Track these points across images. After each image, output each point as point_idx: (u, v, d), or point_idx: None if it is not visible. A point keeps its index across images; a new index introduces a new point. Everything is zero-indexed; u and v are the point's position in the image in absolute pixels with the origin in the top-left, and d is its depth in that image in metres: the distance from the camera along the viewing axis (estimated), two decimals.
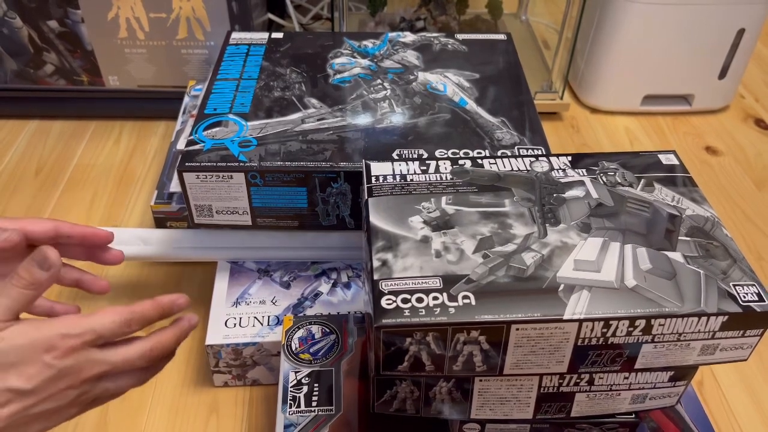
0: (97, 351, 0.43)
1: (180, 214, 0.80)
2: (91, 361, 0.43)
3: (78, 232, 0.54)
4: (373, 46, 0.84)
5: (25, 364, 0.41)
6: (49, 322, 0.42)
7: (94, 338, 0.43)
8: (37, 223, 0.52)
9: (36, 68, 1.03)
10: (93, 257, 0.58)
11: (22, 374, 0.41)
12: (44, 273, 0.43)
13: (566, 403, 0.52)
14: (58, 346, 0.41)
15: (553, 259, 0.48)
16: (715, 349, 0.48)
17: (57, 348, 0.41)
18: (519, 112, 0.73)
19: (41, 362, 0.41)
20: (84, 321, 0.43)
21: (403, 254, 0.49)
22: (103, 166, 1.01)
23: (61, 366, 0.42)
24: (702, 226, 0.52)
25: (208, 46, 1.00)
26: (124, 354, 0.45)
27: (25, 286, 0.43)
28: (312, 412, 0.57)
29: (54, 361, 0.41)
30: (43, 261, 0.43)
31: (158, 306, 0.47)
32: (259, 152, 0.65)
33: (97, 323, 0.43)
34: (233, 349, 0.66)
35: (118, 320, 0.44)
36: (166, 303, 0.47)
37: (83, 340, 0.42)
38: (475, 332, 0.45)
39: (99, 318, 0.43)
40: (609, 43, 1.08)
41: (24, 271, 0.43)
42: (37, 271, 0.43)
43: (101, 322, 0.43)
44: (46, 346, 0.41)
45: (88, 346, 0.43)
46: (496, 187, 0.55)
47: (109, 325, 0.43)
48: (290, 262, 0.74)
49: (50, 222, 0.53)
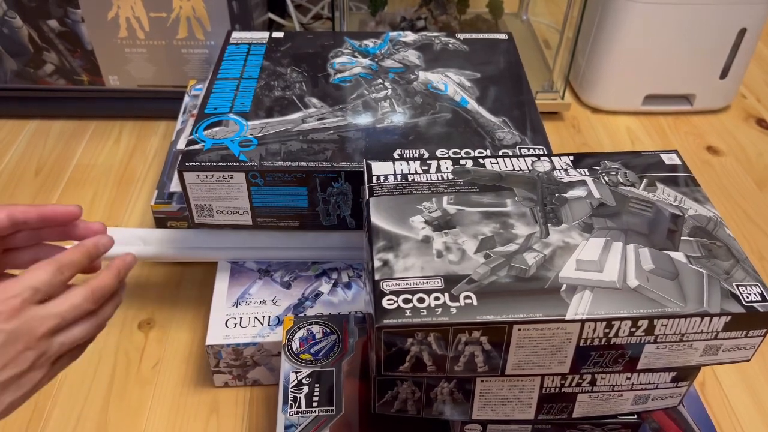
0: (40, 307, 0.43)
1: (180, 214, 0.80)
2: (38, 318, 0.43)
3: (34, 214, 0.52)
4: (374, 45, 0.83)
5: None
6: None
7: (32, 294, 0.43)
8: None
9: (36, 68, 1.03)
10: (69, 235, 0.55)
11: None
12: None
13: (568, 404, 0.52)
14: (0, 310, 0.41)
15: (555, 260, 0.48)
16: (717, 350, 0.47)
17: (0, 312, 0.41)
18: (520, 111, 0.73)
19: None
20: (17, 281, 0.43)
21: (404, 254, 0.49)
22: (103, 165, 1.00)
23: (10, 329, 0.41)
24: (705, 226, 0.52)
25: (208, 45, 1.00)
26: (69, 301, 0.45)
27: None
28: (313, 412, 0.57)
29: (1, 326, 0.41)
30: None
31: (83, 249, 0.47)
32: (259, 152, 0.65)
33: (30, 280, 0.43)
34: (234, 350, 0.66)
35: (50, 269, 0.44)
36: (90, 244, 0.48)
37: (22, 299, 0.42)
38: (477, 333, 0.44)
39: (30, 274, 0.44)
40: (610, 42, 1.08)
41: None
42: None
43: (34, 277, 0.43)
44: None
45: (29, 304, 0.43)
46: (497, 186, 0.55)
47: (42, 277, 0.44)
48: (291, 262, 0.74)
49: (2, 210, 0.50)
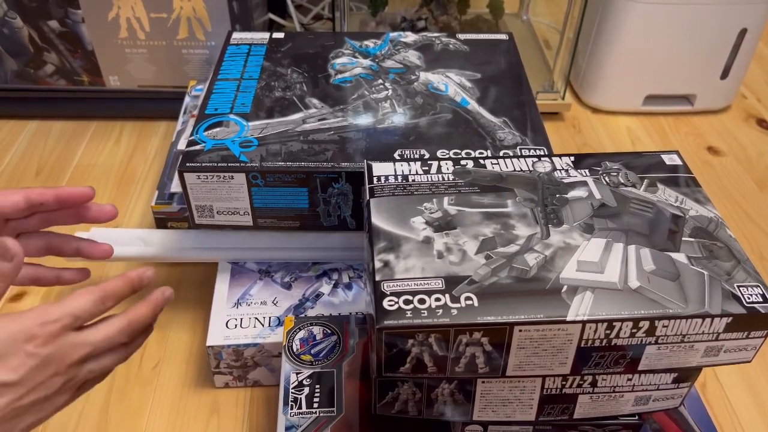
0: (76, 333, 0.43)
1: (181, 215, 0.80)
2: (73, 345, 0.43)
3: (51, 195, 0.53)
4: (375, 46, 0.83)
5: (8, 357, 0.41)
6: (24, 313, 0.42)
7: (72, 321, 0.43)
8: (7, 195, 0.51)
9: (36, 68, 1.03)
10: (82, 218, 0.56)
11: (6, 366, 0.40)
12: (7, 264, 0.43)
13: (569, 405, 0.52)
14: (38, 334, 0.41)
15: (556, 260, 0.48)
16: (719, 351, 0.47)
17: (37, 336, 0.41)
18: (521, 112, 0.73)
19: (23, 352, 0.41)
20: (59, 306, 0.43)
21: (405, 255, 0.49)
22: (103, 166, 1.00)
23: (45, 353, 0.41)
24: (705, 227, 0.52)
25: (208, 46, 1.00)
26: (104, 332, 0.45)
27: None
28: (313, 413, 0.57)
29: (36, 350, 0.41)
30: (5, 252, 0.43)
31: (127, 280, 0.47)
32: (260, 152, 0.65)
33: (72, 306, 0.43)
34: (234, 350, 0.66)
35: (91, 299, 0.44)
36: (134, 277, 0.48)
37: (62, 325, 0.42)
38: (478, 334, 0.44)
39: (73, 301, 0.44)
40: (610, 42, 1.08)
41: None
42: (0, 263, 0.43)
43: (76, 305, 0.43)
44: (25, 336, 0.41)
45: (68, 330, 0.43)
46: (498, 187, 0.55)
47: (84, 306, 0.44)
48: (291, 262, 0.74)
49: (19, 193, 0.51)
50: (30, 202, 0.52)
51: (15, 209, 0.51)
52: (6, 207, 0.51)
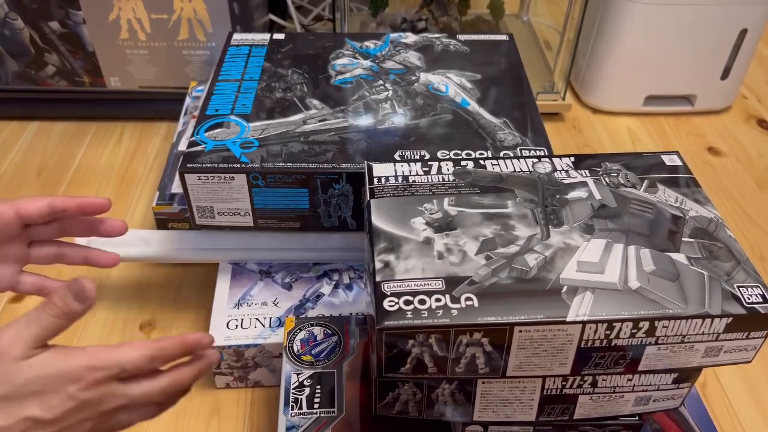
0: (119, 385, 0.43)
1: (181, 216, 0.80)
2: (111, 395, 0.43)
3: (74, 203, 0.53)
4: (375, 46, 0.83)
5: (49, 394, 0.41)
6: (78, 352, 0.42)
7: (119, 372, 0.43)
8: (31, 201, 0.52)
9: (37, 69, 1.03)
10: (95, 231, 0.57)
11: (44, 403, 0.40)
12: (79, 305, 0.43)
13: (569, 405, 0.52)
14: (84, 378, 0.41)
15: (556, 261, 0.48)
16: (719, 351, 0.47)
17: (83, 380, 0.41)
18: (521, 112, 0.73)
19: (65, 393, 0.41)
20: (111, 354, 0.42)
21: (405, 256, 0.49)
22: (104, 167, 1.00)
23: (84, 398, 0.41)
24: (705, 228, 0.52)
25: (209, 47, 1.00)
26: (144, 389, 0.44)
27: (58, 315, 0.42)
28: (314, 414, 0.57)
29: (78, 393, 0.41)
30: (80, 293, 0.42)
31: (183, 344, 0.46)
32: (260, 153, 0.65)
33: (123, 358, 0.43)
34: (235, 351, 0.66)
35: (144, 355, 0.44)
36: (190, 342, 0.46)
37: (108, 374, 0.42)
38: (478, 334, 0.44)
39: (126, 352, 0.43)
40: (611, 43, 1.08)
41: (59, 300, 0.42)
42: (72, 302, 0.42)
43: (128, 357, 0.43)
44: (72, 377, 0.41)
45: (112, 380, 0.43)
46: (498, 188, 0.55)
47: (136, 360, 0.43)
48: (292, 263, 0.74)
49: (44, 199, 0.52)
50: (54, 208, 0.53)
51: (39, 214, 0.52)
52: (31, 211, 0.52)
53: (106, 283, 0.82)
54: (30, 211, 0.52)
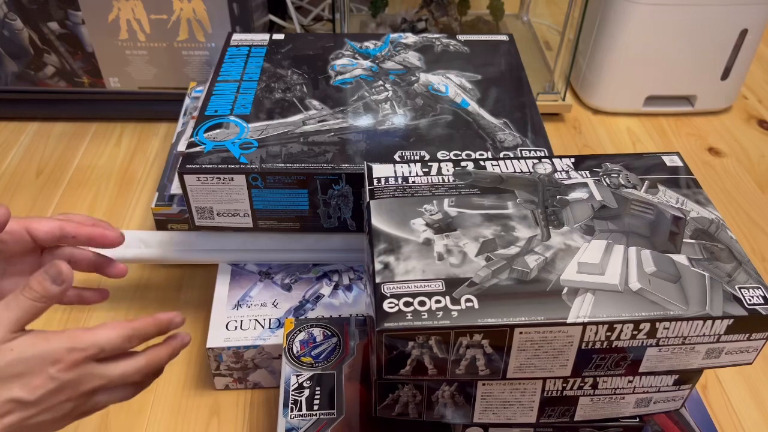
0: (97, 365, 0.44)
1: (181, 216, 0.80)
2: (91, 375, 0.44)
3: (84, 233, 0.54)
4: (375, 47, 0.83)
5: (31, 376, 0.41)
6: (57, 335, 0.43)
7: (97, 352, 0.44)
8: (43, 222, 0.53)
9: (37, 70, 1.03)
10: (98, 270, 0.58)
11: (27, 385, 0.41)
12: (57, 287, 0.44)
13: (570, 407, 0.52)
14: (63, 359, 0.42)
15: (557, 262, 0.48)
16: (720, 353, 0.47)
17: (62, 361, 0.42)
18: (521, 113, 0.73)
19: (46, 374, 0.42)
20: (89, 335, 0.44)
21: (405, 257, 0.48)
22: (103, 167, 1.00)
23: (64, 379, 0.42)
24: (706, 228, 0.51)
25: (208, 47, 1.00)
26: (122, 369, 0.46)
27: (37, 298, 0.43)
28: (313, 415, 0.57)
29: (58, 374, 0.42)
30: (57, 276, 0.44)
31: (157, 323, 0.48)
32: (260, 154, 0.65)
33: (101, 338, 0.44)
34: (234, 352, 0.66)
35: (121, 335, 0.45)
36: (164, 321, 0.48)
37: (87, 354, 0.43)
38: (478, 336, 0.44)
39: (103, 332, 0.44)
40: (611, 44, 1.08)
41: (36, 283, 0.43)
42: (50, 285, 0.44)
43: (106, 337, 0.44)
44: (52, 359, 0.42)
45: (90, 360, 0.44)
46: (498, 189, 0.55)
47: (113, 340, 0.44)
48: (291, 264, 0.74)
49: (56, 222, 0.53)
50: (64, 233, 0.53)
51: (48, 236, 0.53)
52: (40, 232, 0.53)
53: (105, 284, 0.81)
54: (39, 231, 0.53)
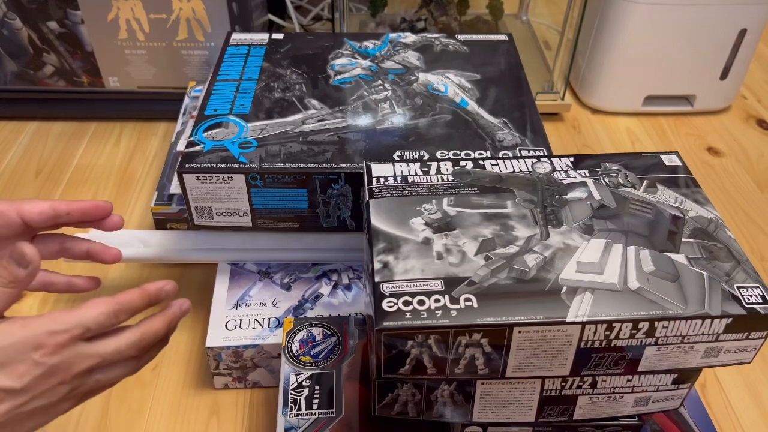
0: (85, 344, 0.43)
1: (180, 216, 0.80)
2: (80, 355, 0.43)
3: (77, 207, 0.54)
4: (374, 46, 0.83)
5: (14, 363, 0.40)
6: (35, 319, 0.42)
7: (82, 332, 0.42)
8: (34, 203, 0.52)
9: (36, 69, 1.03)
10: (92, 257, 0.58)
11: (11, 373, 0.40)
12: (23, 270, 0.43)
13: (569, 406, 0.52)
14: (45, 343, 0.41)
15: (556, 261, 0.48)
16: (719, 352, 0.47)
17: (45, 345, 0.41)
18: (520, 113, 0.73)
19: (30, 360, 0.41)
20: (70, 316, 0.42)
21: (404, 256, 0.49)
22: (103, 167, 1.00)
23: (51, 363, 0.41)
24: (705, 228, 0.51)
25: (208, 47, 1.00)
26: (114, 344, 0.44)
27: (5, 284, 0.43)
28: (313, 415, 0.57)
29: (43, 359, 0.41)
30: (21, 258, 0.43)
31: (145, 294, 0.46)
32: (259, 153, 0.65)
33: (84, 317, 0.43)
34: (233, 352, 0.66)
35: (105, 311, 0.43)
36: (153, 291, 0.47)
37: (71, 335, 0.42)
38: (477, 335, 0.44)
39: (86, 311, 0.43)
40: (610, 43, 1.08)
41: (2, 269, 0.43)
42: (15, 268, 0.43)
43: (88, 315, 0.43)
44: (34, 344, 0.41)
45: (77, 341, 0.42)
46: (497, 188, 0.55)
47: (97, 318, 0.43)
48: (291, 263, 0.74)
49: (46, 202, 0.52)
50: (56, 211, 0.53)
51: (42, 217, 0.52)
52: (33, 213, 0.52)
53: (105, 284, 0.81)
54: (32, 212, 0.52)
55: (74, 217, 0.54)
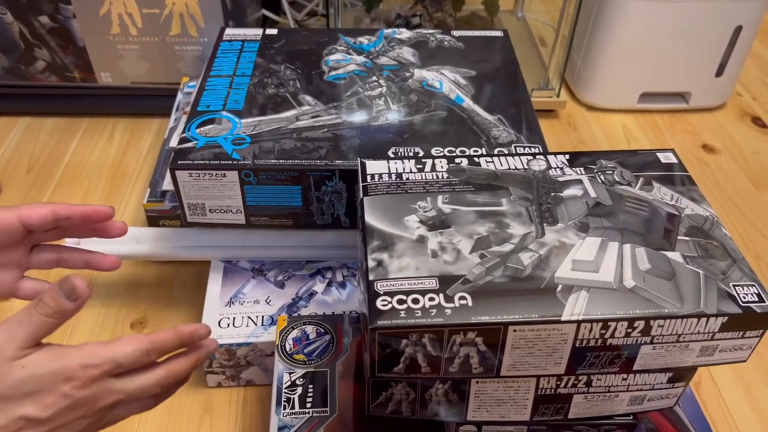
0: (114, 380, 0.43)
1: (173, 213, 0.79)
2: (107, 391, 0.43)
3: (77, 211, 0.53)
4: (369, 42, 0.83)
5: (43, 393, 0.41)
6: (71, 351, 0.42)
7: (113, 368, 0.42)
8: (34, 208, 0.52)
9: (27, 65, 1.02)
10: (96, 233, 0.57)
11: (39, 403, 0.40)
12: (71, 304, 0.42)
13: (563, 405, 0.51)
14: (77, 376, 0.41)
15: (551, 259, 0.48)
16: (714, 351, 0.47)
17: (76, 378, 0.41)
18: (516, 109, 0.72)
19: (59, 392, 0.41)
20: (104, 350, 0.42)
21: (398, 254, 0.48)
22: (95, 163, 0.99)
23: (79, 396, 0.41)
24: (701, 226, 0.51)
25: (201, 42, 0.99)
26: (140, 382, 0.44)
27: (50, 314, 0.42)
28: (306, 413, 0.56)
29: (72, 392, 0.41)
30: (71, 291, 0.42)
31: (179, 336, 0.46)
32: (252, 150, 0.65)
33: (117, 353, 0.43)
34: (227, 350, 0.66)
35: (139, 349, 0.43)
36: (186, 333, 0.47)
37: (102, 371, 0.42)
38: (472, 333, 0.44)
39: (119, 347, 0.43)
40: (606, 40, 1.08)
41: (50, 299, 0.42)
42: (63, 301, 0.42)
43: (122, 352, 0.43)
44: (65, 376, 0.41)
45: (107, 376, 0.43)
46: (493, 186, 0.55)
47: (130, 355, 0.43)
48: (285, 261, 0.73)
49: (47, 206, 0.52)
50: (57, 216, 0.52)
51: (42, 222, 0.52)
52: (33, 218, 0.52)
53: (97, 281, 0.81)
54: (32, 218, 0.52)
55: (74, 221, 0.54)
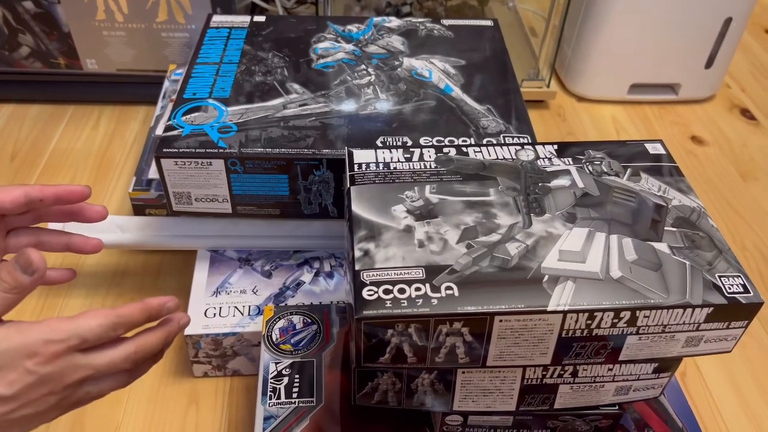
0: (80, 355, 0.42)
1: (159, 202, 0.79)
2: (74, 366, 0.42)
3: (50, 192, 0.52)
4: (358, 30, 0.82)
5: (6, 370, 0.40)
6: (33, 326, 0.41)
7: (78, 343, 0.42)
8: (5, 191, 0.50)
9: (11, 51, 1.00)
10: (75, 217, 0.55)
11: (3, 380, 0.40)
12: (27, 277, 0.42)
13: (550, 395, 0.51)
14: (40, 352, 0.40)
15: (538, 250, 0.48)
16: (699, 341, 0.47)
17: (39, 354, 0.40)
18: (505, 99, 0.72)
19: (23, 368, 0.40)
20: (68, 325, 0.41)
21: (385, 244, 0.48)
22: (81, 151, 0.98)
23: (43, 372, 0.41)
24: (688, 217, 0.51)
25: (189, 29, 0.98)
26: (109, 357, 0.44)
27: (7, 290, 0.42)
28: (292, 403, 0.56)
29: (36, 368, 0.40)
30: (27, 265, 0.42)
31: (146, 309, 0.45)
32: (239, 138, 0.64)
33: (82, 328, 0.42)
34: (213, 339, 0.65)
35: (104, 324, 0.43)
36: (154, 306, 0.46)
37: (67, 346, 0.41)
38: (458, 324, 0.44)
39: (84, 322, 0.42)
40: (596, 31, 1.07)
41: (6, 274, 0.41)
42: (20, 275, 0.42)
43: (86, 327, 0.42)
44: (28, 352, 0.40)
45: (72, 351, 0.42)
46: (481, 175, 0.54)
47: (95, 330, 0.42)
48: (272, 251, 0.73)
49: (19, 188, 0.50)
50: (29, 198, 0.51)
51: (14, 205, 0.50)
52: (5, 202, 0.50)
53: (82, 271, 0.80)
54: (4, 201, 0.50)
55: (48, 202, 0.52)
